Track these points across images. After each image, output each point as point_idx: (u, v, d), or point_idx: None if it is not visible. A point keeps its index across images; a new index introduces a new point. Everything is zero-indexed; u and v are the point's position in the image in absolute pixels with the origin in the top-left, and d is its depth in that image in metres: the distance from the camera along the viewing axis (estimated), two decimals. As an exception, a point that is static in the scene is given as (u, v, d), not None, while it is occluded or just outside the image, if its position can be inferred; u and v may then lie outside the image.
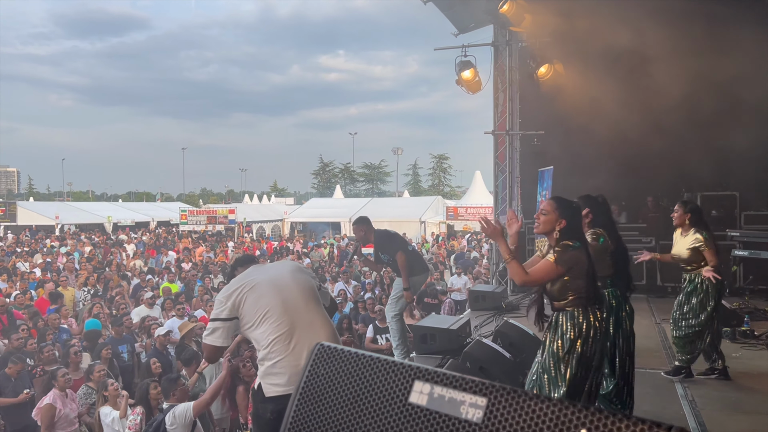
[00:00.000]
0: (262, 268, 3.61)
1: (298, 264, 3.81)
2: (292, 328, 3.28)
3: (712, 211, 10.22)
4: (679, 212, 5.68)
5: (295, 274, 3.54)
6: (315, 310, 3.42)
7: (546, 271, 3.36)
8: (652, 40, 9.34)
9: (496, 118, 10.90)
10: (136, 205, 44.00)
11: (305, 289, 3.47)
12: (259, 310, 3.29)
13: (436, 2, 10.41)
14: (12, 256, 19.34)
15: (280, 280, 3.43)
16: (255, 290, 3.35)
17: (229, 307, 3.33)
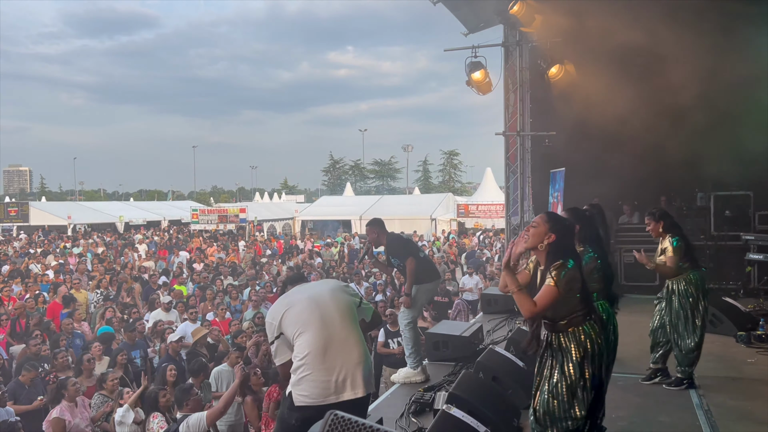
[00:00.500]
0: (305, 287, 3.82)
1: (341, 284, 3.95)
2: (327, 344, 3.47)
3: (726, 211, 10.12)
4: (651, 224, 5.69)
5: (335, 292, 3.71)
6: (350, 329, 3.58)
7: (549, 297, 3.27)
8: (665, 40, 9.24)
9: (507, 118, 10.84)
10: (148, 204, 44.21)
11: (343, 307, 3.63)
12: (297, 324, 3.51)
13: (446, 3, 10.35)
14: (25, 258, 19.48)
15: (320, 298, 3.62)
16: (295, 307, 3.59)
17: (276, 326, 3.59)
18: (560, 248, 3.37)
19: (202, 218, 32.13)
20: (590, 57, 9.88)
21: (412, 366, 5.82)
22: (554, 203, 10.08)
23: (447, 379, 5.71)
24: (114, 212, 34.34)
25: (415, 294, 5.85)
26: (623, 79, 9.52)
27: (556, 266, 3.29)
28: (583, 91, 9.88)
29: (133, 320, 9.53)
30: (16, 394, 6.97)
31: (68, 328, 9.17)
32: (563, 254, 3.34)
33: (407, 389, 5.60)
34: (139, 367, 8.28)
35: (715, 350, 6.70)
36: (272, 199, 51.19)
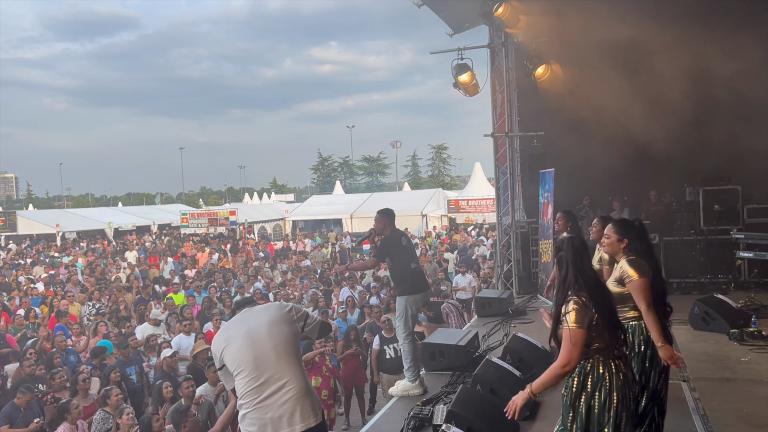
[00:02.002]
0: (245, 317, 3.73)
1: (282, 310, 3.75)
2: (262, 384, 3.48)
3: (715, 206, 10.20)
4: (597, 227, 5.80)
5: (272, 326, 3.61)
6: (287, 366, 3.54)
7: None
8: (651, 37, 9.29)
9: (495, 120, 10.85)
10: (136, 209, 43.94)
11: (279, 343, 3.57)
12: (234, 363, 3.55)
13: (430, 4, 10.33)
14: (14, 270, 19.32)
15: (256, 334, 3.57)
16: (232, 343, 3.60)
17: (218, 358, 3.67)
18: None
19: (192, 222, 32.03)
20: (576, 56, 9.91)
21: (411, 379, 5.83)
22: (545, 203, 10.11)
23: (445, 390, 5.73)
24: (103, 219, 34.08)
25: (403, 305, 5.85)
26: (610, 77, 9.55)
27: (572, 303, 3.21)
28: (570, 90, 9.90)
29: (125, 336, 9.47)
30: (12, 417, 6.91)
31: (62, 345, 9.09)
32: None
33: (406, 403, 5.61)
34: (135, 384, 8.25)
35: (709, 349, 6.76)
36: (262, 199, 51.01)
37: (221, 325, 4.07)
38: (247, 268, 18.47)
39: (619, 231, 4.16)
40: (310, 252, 23.20)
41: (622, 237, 4.13)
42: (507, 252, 10.89)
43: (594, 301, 3.17)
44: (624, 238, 4.11)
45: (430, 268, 15.30)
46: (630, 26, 9.23)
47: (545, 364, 6.00)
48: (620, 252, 4.13)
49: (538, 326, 8.42)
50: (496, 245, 11.88)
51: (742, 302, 8.28)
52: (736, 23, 9.07)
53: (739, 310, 7.69)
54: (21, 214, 33.47)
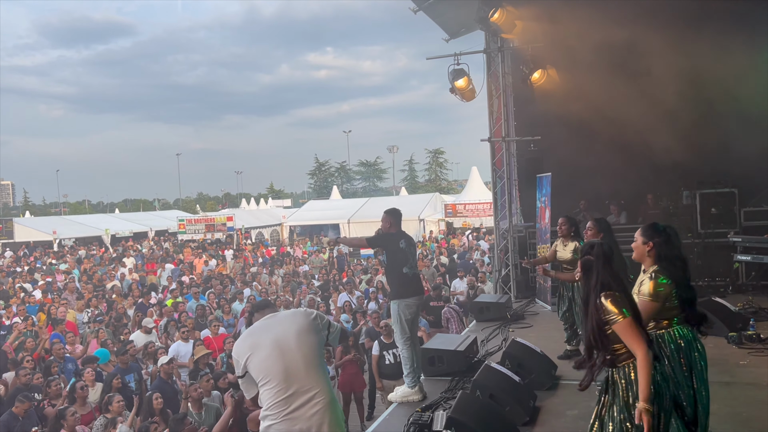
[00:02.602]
0: (271, 324, 3.63)
1: (308, 317, 3.68)
2: (291, 395, 3.42)
3: (712, 209, 10.22)
4: (593, 231, 6.27)
5: (301, 336, 3.54)
6: (315, 378, 3.50)
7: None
8: (647, 41, 9.33)
9: (492, 124, 10.87)
10: (134, 216, 43.88)
11: (308, 354, 3.51)
12: (261, 372, 3.46)
13: (426, 10, 10.37)
14: (10, 278, 19.25)
15: (285, 343, 3.49)
16: (260, 351, 3.49)
17: (242, 366, 3.54)
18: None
19: (189, 228, 32.02)
20: (572, 61, 9.94)
21: (410, 385, 5.82)
22: (542, 207, 10.13)
23: (444, 396, 5.72)
24: (99, 225, 34.06)
25: (396, 310, 5.84)
26: (606, 82, 9.57)
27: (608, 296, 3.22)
28: (567, 94, 9.94)
29: (124, 343, 9.45)
30: (10, 426, 6.89)
31: (59, 352, 9.07)
32: None
33: (405, 409, 5.60)
34: (134, 392, 8.22)
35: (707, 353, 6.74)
36: (259, 204, 51.04)
37: (242, 331, 3.99)
38: (244, 274, 18.45)
39: (645, 234, 4.02)
40: (308, 257, 23.18)
41: (647, 240, 3.98)
42: (505, 256, 10.90)
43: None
44: (649, 242, 3.97)
45: (428, 273, 15.31)
46: (625, 31, 9.27)
47: (544, 368, 6.04)
48: (646, 257, 3.97)
49: (536, 331, 8.43)
50: (494, 249, 11.88)
51: (740, 305, 8.28)
52: (732, 25, 9.11)
53: (737, 313, 7.68)
54: (18, 222, 33.45)
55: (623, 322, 3.13)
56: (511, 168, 11.08)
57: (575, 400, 5.64)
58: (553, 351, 6.67)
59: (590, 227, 6.47)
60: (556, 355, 6.53)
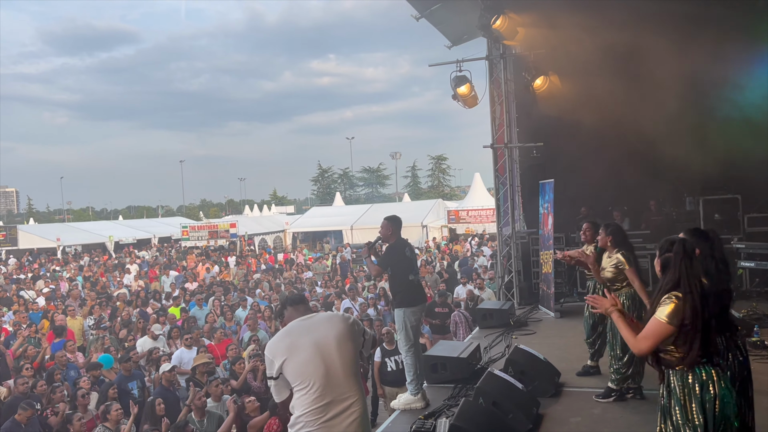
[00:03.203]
0: (310, 325, 3.49)
1: (347, 323, 3.55)
2: (328, 403, 3.32)
3: (715, 215, 10.20)
4: (601, 235, 5.81)
5: (341, 342, 3.42)
6: (353, 386, 3.42)
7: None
8: (649, 48, 9.33)
9: (494, 131, 10.87)
10: (137, 222, 43.97)
11: (348, 362, 3.42)
12: (300, 376, 3.33)
13: (428, 17, 10.40)
14: (14, 285, 19.30)
15: (326, 348, 3.37)
16: (299, 354, 3.35)
17: (276, 368, 3.38)
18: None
19: (192, 235, 32.03)
20: (574, 67, 9.96)
21: (413, 392, 5.80)
22: (545, 214, 10.12)
23: (447, 403, 5.70)
24: (103, 232, 34.12)
25: (401, 318, 5.84)
26: (608, 88, 9.58)
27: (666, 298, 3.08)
28: (569, 101, 9.95)
29: (127, 350, 9.45)
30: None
31: (62, 360, 9.07)
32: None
33: (408, 416, 5.59)
34: (137, 399, 8.21)
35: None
36: (262, 211, 51.05)
37: (277, 331, 3.66)
38: (247, 280, 18.46)
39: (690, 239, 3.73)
40: (312, 264, 23.18)
41: None
42: (507, 263, 10.88)
43: (694, 305, 3.01)
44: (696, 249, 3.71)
45: (431, 279, 15.29)
46: (627, 37, 9.28)
47: (547, 375, 6.02)
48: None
49: (539, 337, 8.41)
50: (497, 256, 11.86)
51: (744, 312, 8.24)
52: (734, 31, 9.11)
53: (741, 320, 7.65)
54: (22, 228, 33.51)
55: (660, 324, 3.02)
56: (514, 174, 11.08)
57: (578, 407, 5.63)
58: (557, 358, 6.64)
59: (586, 228, 6.43)
60: (560, 363, 6.49)
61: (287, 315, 3.59)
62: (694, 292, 3.04)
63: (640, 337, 3.09)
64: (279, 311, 3.78)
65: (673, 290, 3.08)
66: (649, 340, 3.05)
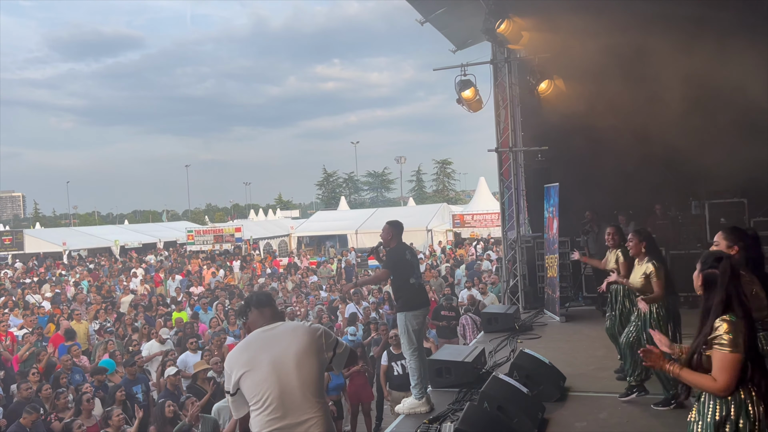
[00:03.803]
0: (270, 337, 3.26)
1: (311, 338, 3.27)
2: (284, 425, 3.13)
3: (721, 219, 10.14)
4: (633, 241, 5.67)
5: (301, 359, 3.18)
6: (312, 406, 3.19)
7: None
8: (653, 50, 9.32)
9: (499, 135, 10.88)
10: (142, 227, 44.10)
11: (308, 380, 3.19)
12: (254, 395, 3.16)
13: (433, 22, 10.42)
14: (20, 289, 19.36)
15: (283, 367, 3.15)
16: (255, 372, 3.16)
17: (233, 382, 3.22)
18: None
19: (197, 239, 32.12)
20: (579, 71, 9.95)
21: (417, 396, 5.79)
22: (550, 218, 10.10)
23: (451, 408, 5.69)
24: (109, 236, 34.26)
25: (403, 322, 5.83)
26: (613, 92, 9.57)
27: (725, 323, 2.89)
28: (574, 105, 9.93)
29: (132, 353, 9.46)
30: (18, 438, 6.90)
31: (68, 364, 9.09)
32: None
33: (412, 421, 5.57)
34: (142, 402, 8.22)
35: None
36: (267, 215, 51.16)
37: (239, 342, 3.45)
38: (252, 285, 18.48)
39: (730, 238, 3.70)
40: (317, 268, 23.20)
41: (732, 244, 3.67)
42: (513, 267, 10.86)
43: (747, 328, 2.87)
44: (734, 246, 3.65)
45: (436, 284, 15.27)
46: (632, 40, 9.27)
47: (553, 380, 6.00)
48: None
49: (545, 342, 8.39)
50: (502, 260, 11.84)
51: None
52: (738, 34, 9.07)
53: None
54: (28, 233, 33.65)
55: (729, 356, 2.83)
56: (519, 178, 11.07)
57: (584, 412, 5.60)
58: (562, 362, 6.62)
59: (610, 231, 6.35)
60: (565, 367, 6.47)
61: (251, 318, 3.36)
62: (747, 317, 2.90)
63: (716, 376, 2.87)
64: (242, 310, 3.46)
65: (723, 313, 2.91)
66: (727, 373, 2.84)
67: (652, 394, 5.68)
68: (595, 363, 7.15)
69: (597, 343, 8.08)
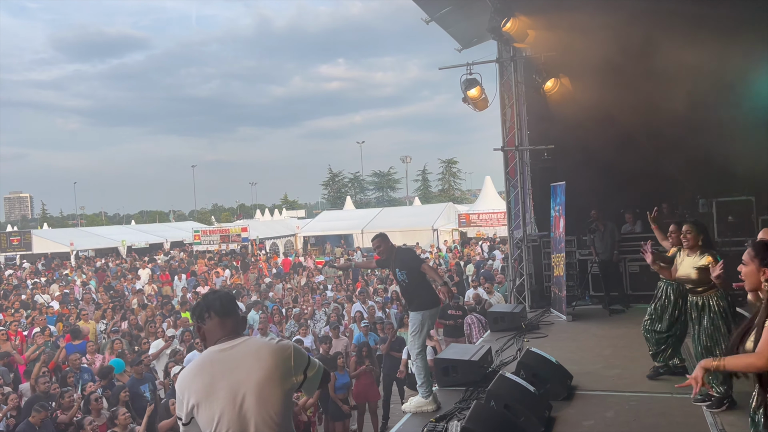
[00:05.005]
0: (230, 357, 2.77)
1: (276, 361, 2.76)
2: None
3: (729, 217, 10.11)
4: (692, 234, 5.56)
5: (263, 390, 2.70)
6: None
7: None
8: (661, 49, 9.27)
9: (505, 133, 10.86)
10: (149, 227, 44.24)
11: (271, 413, 2.71)
12: (209, 426, 2.71)
13: (438, 21, 10.41)
14: (28, 289, 19.45)
15: (244, 400, 2.69)
16: (211, 401, 2.70)
17: (186, 410, 2.75)
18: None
19: (204, 239, 32.19)
20: (585, 69, 9.91)
21: (424, 395, 5.80)
22: (556, 216, 10.08)
23: (458, 406, 5.68)
24: (116, 237, 34.36)
25: (419, 320, 5.85)
26: (619, 90, 9.54)
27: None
28: (580, 103, 9.91)
29: (138, 353, 9.51)
30: (26, 436, 6.94)
31: (76, 363, 9.14)
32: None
33: (419, 419, 5.58)
34: (149, 401, 8.25)
35: (726, 363, 6.65)
36: (273, 215, 51.25)
37: (195, 358, 3.01)
38: (259, 284, 18.51)
39: (761, 254, 3.16)
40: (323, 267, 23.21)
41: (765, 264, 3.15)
42: (519, 266, 10.85)
43: None
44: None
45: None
46: (639, 38, 9.24)
47: (559, 378, 5.99)
48: (763, 285, 3.05)
49: (551, 340, 8.37)
50: (508, 259, 11.83)
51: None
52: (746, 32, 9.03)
53: (755, 322, 7.57)
54: (36, 233, 33.80)
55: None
56: (525, 177, 11.04)
57: (591, 410, 5.59)
58: (569, 361, 6.61)
59: (673, 229, 6.16)
60: (572, 366, 6.45)
61: (209, 326, 2.86)
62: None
63: (760, 353, 2.78)
64: (200, 313, 2.90)
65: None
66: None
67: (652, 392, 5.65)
68: (602, 362, 7.14)
69: (604, 342, 8.08)
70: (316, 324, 12.35)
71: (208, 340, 2.85)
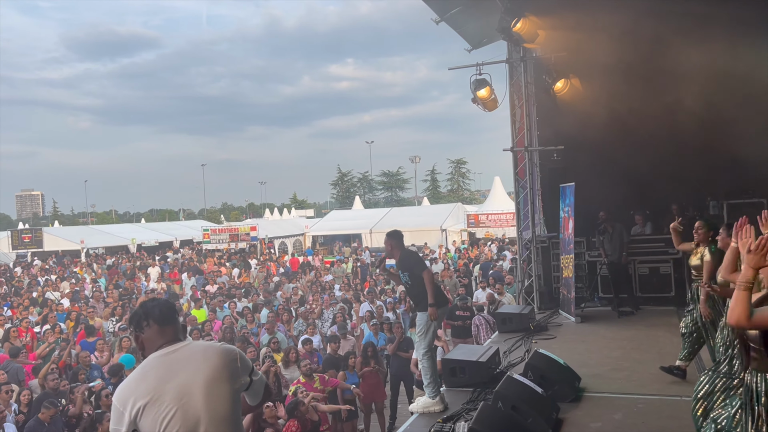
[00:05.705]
0: (173, 360, 2.70)
1: (223, 362, 2.73)
2: None
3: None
4: (722, 235, 5.57)
5: (211, 388, 2.65)
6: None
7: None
8: (671, 49, 9.23)
9: (514, 134, 10.84)
10: (159, 225, 44.40)
11: (221, 412, 2.66)
12: (160, 429, 2.60)
13: (448, 21, 10.40)
14: (39, 287, 19.59)
15: (190, 399, 2.62)
16: (156, 405, 2.59)
17: (127, 420, 2.59)
18: None
19: (213, 237, 32.28)
20: (595, 70, 9.88)
21: (431, 395, 5.80)
22: (565, 217, 10.05)
23: (465, 407, 5.68)
24: (126, 235, 34.57)
25: (427, 321, 5.84)
26: (629, 91, 9.51)
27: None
28: (590, 104, 9.88)
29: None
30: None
31: (86, 360, 9.20)
32: None
33: (426, 420, 5.58)
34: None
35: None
36: (282, 214, 51.38)
37: (134, 374, 2.77)
38: (268, 283, 18.56)
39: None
40: (331, 267, 23.25)
41: None
42: (528, 267, 10.82)
43: None
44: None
45: (450, 283, 15.25)
46: (648, 39, 9.20)
47: (567, 380, 5.98)
48: None
49: (559, 342, 8.35)
50: (517, 260, 11.80)
51: None
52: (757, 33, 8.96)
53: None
54: (47, 231, 34.04)
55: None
56: (534, 178, 11.01)
57: (599, 412, 5.57)
58: (577, 363, 6.59)
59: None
60: (580, 367, 6.43)
61: (147, 334, 2.77)
62: None
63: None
64: (137, 321, 2.79)
65: None
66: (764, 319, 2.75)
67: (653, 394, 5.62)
68: (611, 364, 7.11)
69: (613, 344, 8.04)
70: (324, 324, 12.37)
71: (147, 349, 2.77)
